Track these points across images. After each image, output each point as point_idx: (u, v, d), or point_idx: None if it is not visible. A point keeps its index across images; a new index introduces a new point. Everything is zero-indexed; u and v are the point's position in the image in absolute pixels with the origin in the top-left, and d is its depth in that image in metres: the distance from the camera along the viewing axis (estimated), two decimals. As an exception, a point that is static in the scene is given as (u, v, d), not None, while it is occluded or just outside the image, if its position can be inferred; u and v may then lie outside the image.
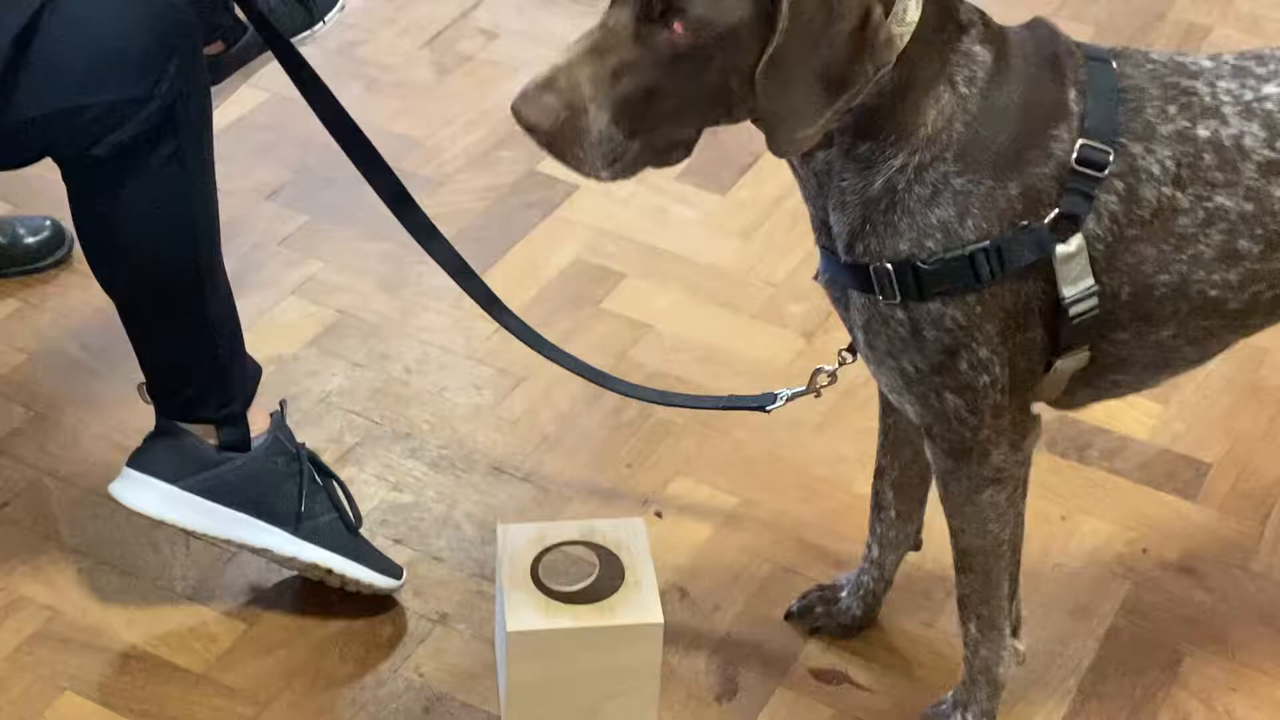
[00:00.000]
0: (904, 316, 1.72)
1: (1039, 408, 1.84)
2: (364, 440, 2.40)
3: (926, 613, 2.18)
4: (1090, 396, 1.86)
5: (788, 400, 2.06)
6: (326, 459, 2.31)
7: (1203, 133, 1.71)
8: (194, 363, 2.01)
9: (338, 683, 2.07)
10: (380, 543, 2.22)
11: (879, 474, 2.06)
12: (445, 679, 2.07)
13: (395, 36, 3.25)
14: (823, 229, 1.77)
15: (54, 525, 2.20)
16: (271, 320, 2.57)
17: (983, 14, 1.72)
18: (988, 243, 1.67)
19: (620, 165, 1.63)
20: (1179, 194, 1.71)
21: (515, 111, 1.60)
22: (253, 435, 2.08)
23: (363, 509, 2.23)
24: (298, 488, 2.06)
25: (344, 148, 2.11)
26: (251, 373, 2.09)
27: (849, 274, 1.74)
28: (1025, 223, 1.68)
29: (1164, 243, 1.72)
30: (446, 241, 2.16)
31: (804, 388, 2.02)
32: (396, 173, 2.15)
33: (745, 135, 2.98)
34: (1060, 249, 1.69)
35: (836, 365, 1.96)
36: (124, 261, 1.95)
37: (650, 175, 1.82)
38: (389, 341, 2.57)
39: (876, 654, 2.13)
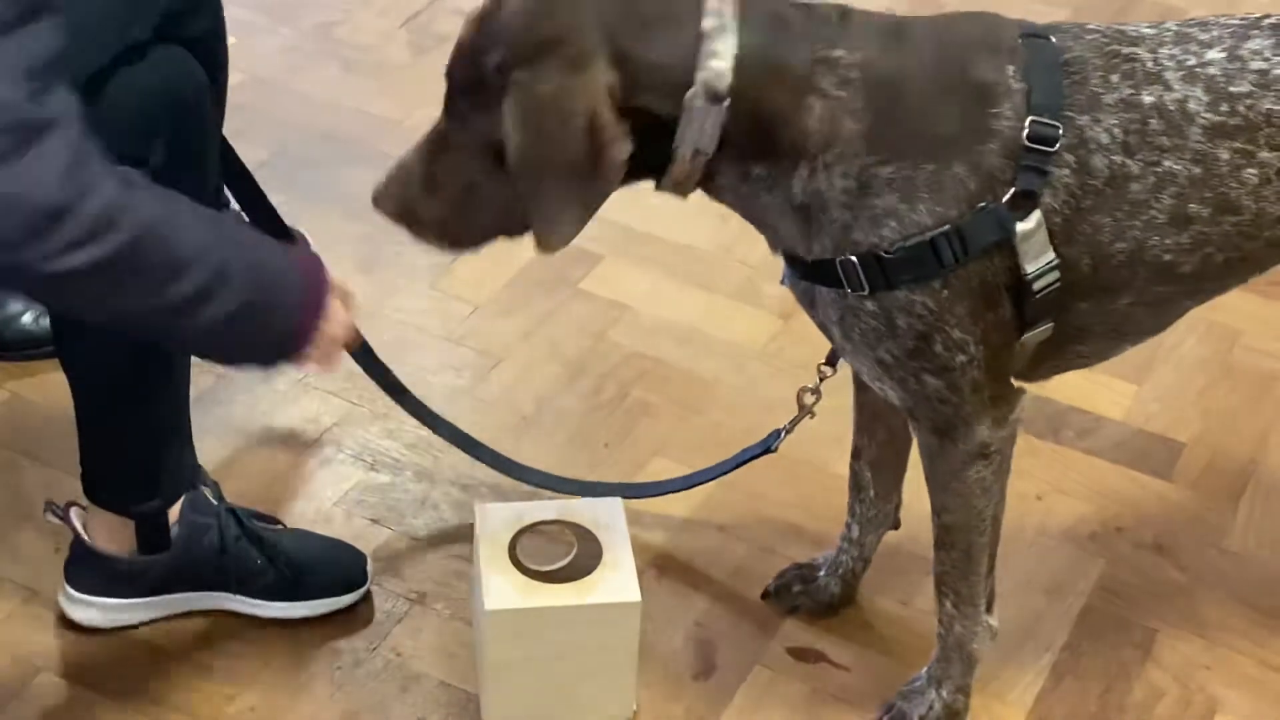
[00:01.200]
0: (874, 307, 1.73)
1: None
2: (341, 421, 2.40)
3: (903, 591, 2.19)
4: (1053, 369, 1.88)
5: (788, 433, 2.13)
6: (304, 440, 2.31)
7: (1147, 99, 1.72)
8: (131, 453, 1.98)
9: (316, 662, 2.07)
10: (357, 523, 2.22)
11: (856, 454, 2.06)
12: (423, 658, 2.08)
13: (373, 17, 3.24)
14: (775, 238, 1.78)
15: (29, 505, 2.20)
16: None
17: (845, 12, 1.71)
18: (948, 226, 1.68)
19: (458, 245, 1.79)
20: (1129, 160, 1.72)
21: (374, 204, 1.76)
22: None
23: (340, 489, 2.24)
24: (226, 559, 2.05)
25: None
26: (186, 475, 2.04)
27: (815, 271, 1.75)
28: (983, 204, 1.69)
29: (1118, 210, 1.73)
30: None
31: (797, 414, 2.08)
32: (372, 153, 2.16)
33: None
34: (1020, 226, 1.70)
35: (819, 380, 2.01)
36: (99, 334, 1.86)
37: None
38: (366, 323, 2.52)
39: (853, 632, 2.14)
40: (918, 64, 1.70)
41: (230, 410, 2.39)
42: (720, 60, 1.63)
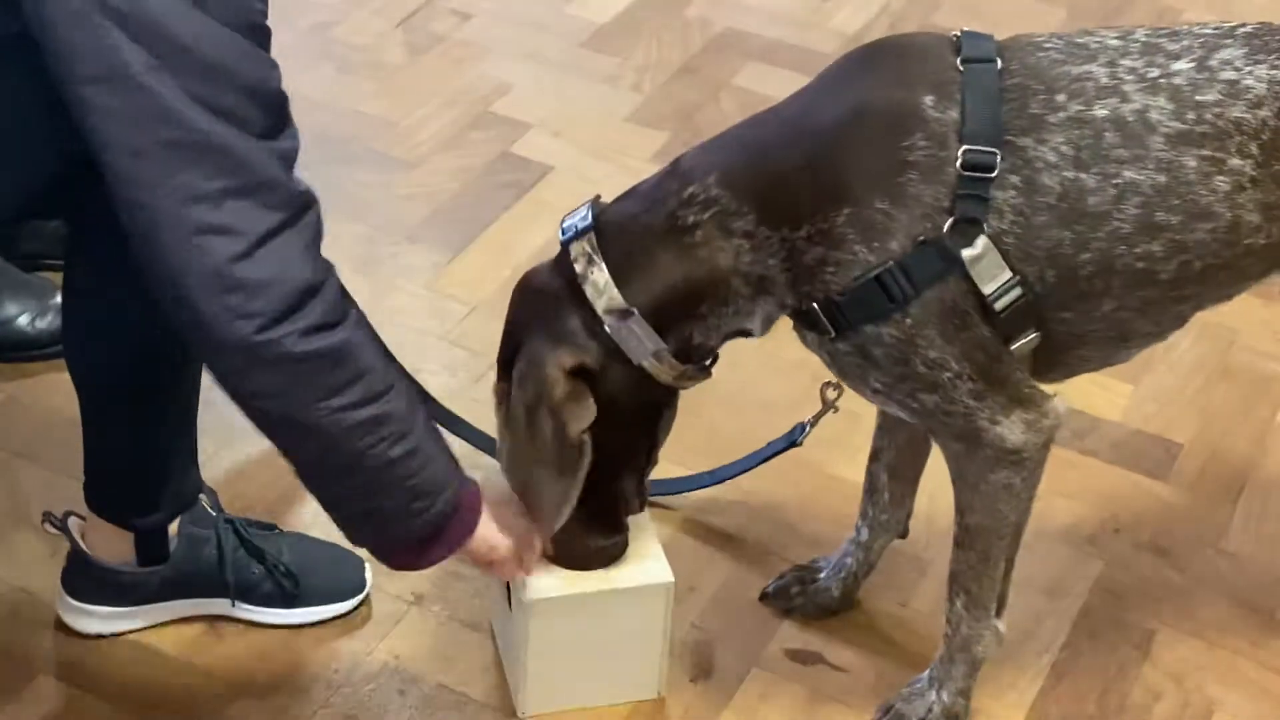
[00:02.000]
0: (847, 346, 1.77)
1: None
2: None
3: (901, 592, 2.19)
4: (1064, 373, 1.88)
5: (812, 426, 2.15)
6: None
7: (1100, 112, 1.73)
8: (136, 468, 1.98)
9: (313, 665, 2.07)
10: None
11: (874, 457, 2.07)
12: (421, 660, 2.07)
13: (368, 17, 3.24)
14: (762, 325, 1.84)
15: (26, 508, 2.19)
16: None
17: (682, 156, 1.81)
18: (891, 263, 1.70)
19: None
20: (1083, 175, 1.72)
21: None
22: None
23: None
24: (225, 570, 2.05)
25: None
26: (189, 492, 2.04)
27: (796, 318, 1.81)
28: (922, 237, 1.70)
29: (1077, 223, 1.73)
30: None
31: (821, 408, 2.08)
32: (368, 153, 2.15)
33: (718, 117, 3.00)
34: (967, 253, 1.71)
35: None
36: (108, 348, 1.89)
37: (624, 156, 1.83)
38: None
39: (851, 634, 2.14)
40: (788, 132, 1.77)
41: (228, 413, 2.36)
42: (600, 285, 1.76)
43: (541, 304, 1.82)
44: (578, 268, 1.78)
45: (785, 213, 1.73)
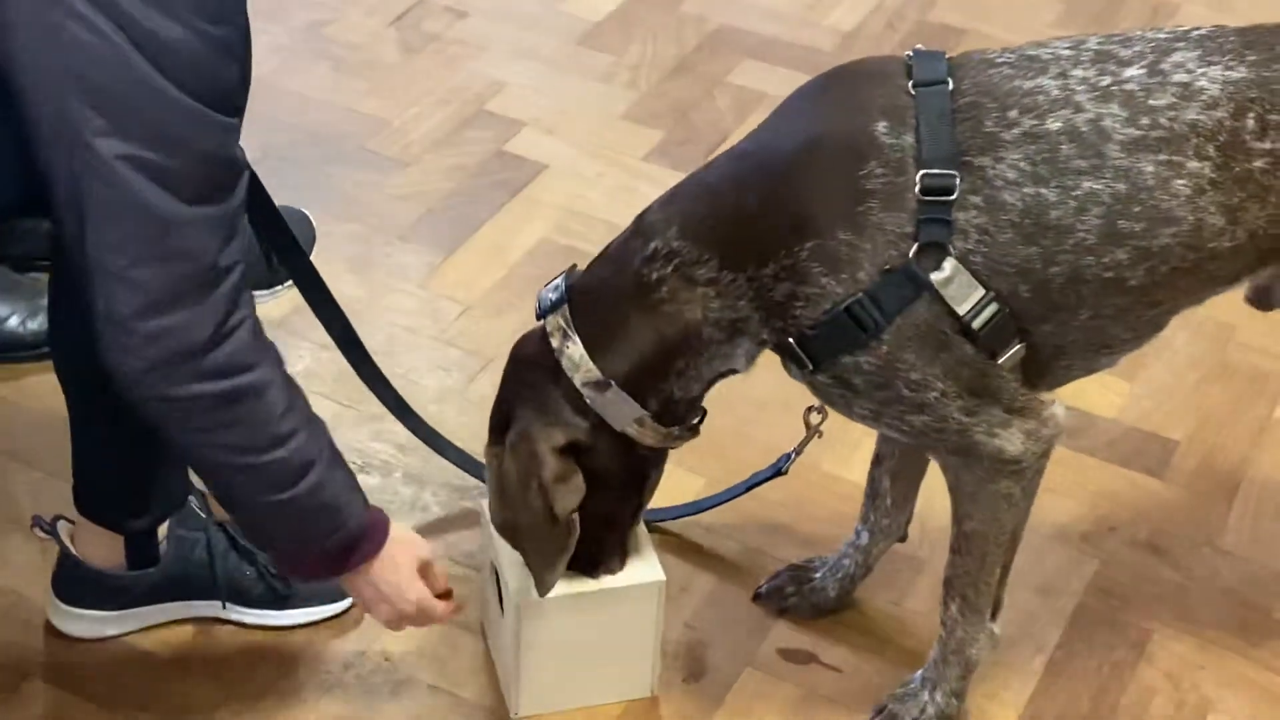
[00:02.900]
0: (828, 378, 1.77)
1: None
2: (331, 422, 2.34)
3: (895, 592, 2.18)
4: (1053, 382, 1.87)
5: (797, 454, 2.13)
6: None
7: (1054, 125, 1.72)
8: (124, 471, 1.98)
9: (305, 666, 2.06)
10: (347, 525, 2.21)
11: (877, 461, 2.06)
12: (412, 661, 2.07)
13: (362, 16, 3.23)
14: (744, 365, 1.84)
15: (16, 510, 2.19)
16: (237, 302, 2.55)
17: (646, 210, 1.81)
18: (860, 294, 1.70)
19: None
20: (1043, 190, 1.71)
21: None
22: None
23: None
24: (216, 572, 2.05)
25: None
26: (178, 494, 2.04)
27: (778, 352, 1.81)
28: (889, 265, 1.69)
29: (1043, 238, 1.72)
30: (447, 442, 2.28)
31: (806, 436, 2.06)
32: (361, 152, 2.14)
33: (714, 114, 2.99)
34: (935, 276, 1.71)
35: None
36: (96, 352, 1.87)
37: (619, 154, 1.82)
38: (356, 323, 2.53)
39: (845, 634, 2.13)
40: (744, 172, 1.77)
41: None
42: (575, 359, 1.77)
43: (530, 376, 1.83)
44: (554, 342, 1.79)
45: (749, 253, 1.73)
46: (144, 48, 1.50)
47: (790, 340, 1.75)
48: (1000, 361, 1.77)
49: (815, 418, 2.03)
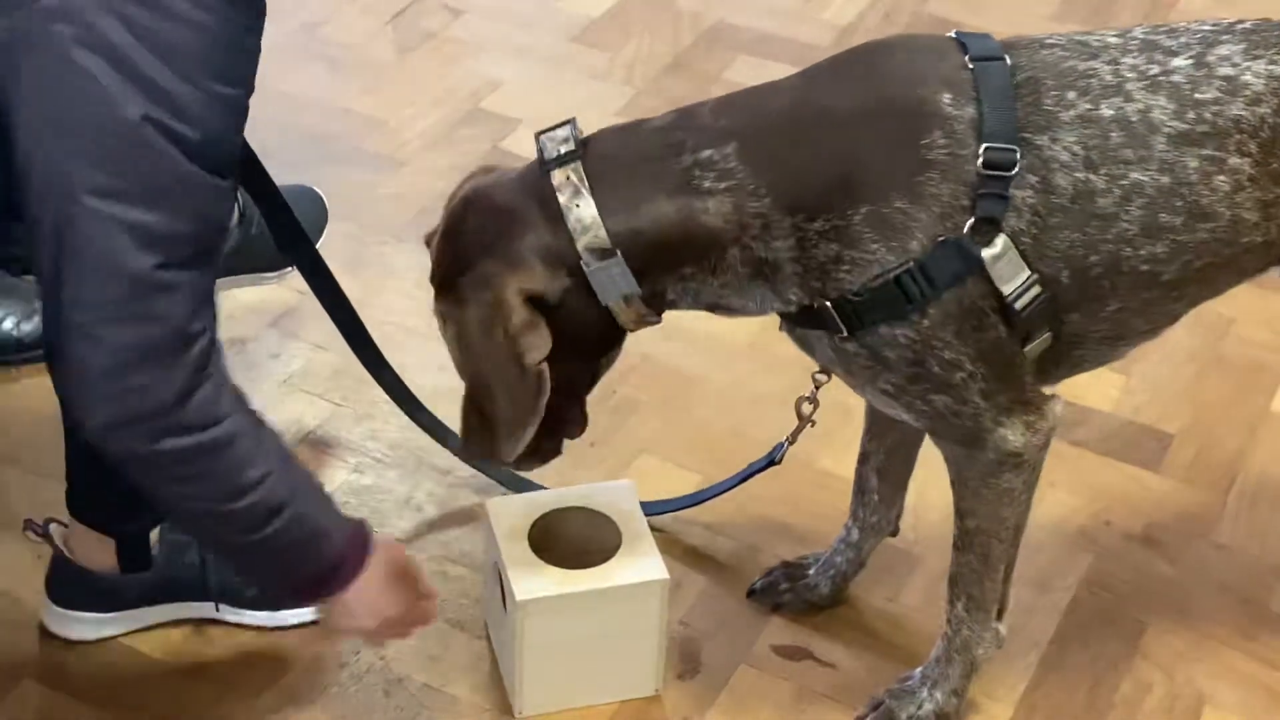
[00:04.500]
0: (859, 347, 1.74)
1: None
2: (325, 422, 2.39)
3: (890, 588, 2.18)
4: (1062, 374, 1.87)
5: (790, 444, 2.10)
6: (287, 441, 2.30)
7: (1107, 112, 1.71)
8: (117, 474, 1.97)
9: (299, 666, 2.06)
10: (342, 525, 2.21)
11: (863, 459, 2.05)
12: (406, 661, 2.07)
13: (357, 15, 3.23)
14: (754, 309, 1.80)
15: (9, 512, 2.19)
16: (233, 302, 2.55)
17: (691, 110, 1.76)
18: (911, 263, 1.68)
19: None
20: (1093, 176, 1.71)
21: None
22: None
23: (324, 491, 2.22)
24: (208, 574, 2.05)
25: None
26: None
27: (799, 318, 1.77)
28: (942, 235, 1.68)
29: (1088, 225, 1.72)
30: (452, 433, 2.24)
31: (798, 425, 2.04)
32: (357, 152, 2.15)
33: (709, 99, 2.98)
34: (987, 252, 1.70)
35: (814, 389, 1.99)
36: None
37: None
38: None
39: (839, 630, 2.13)
40: (808, 120, 1.73)
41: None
42: (586, 220, 1.71)
43: (503, 223, 1.74)
44: (561, 197, 1.71)
45: (800, 201, 1.69)
46: (148, 103, 1.48)
47: (827, 304, 1.72)
48: (1027, 350, 1.76)
49: (807, 408, 2.02)
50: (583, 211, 1.71)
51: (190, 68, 1.50)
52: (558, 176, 1.72)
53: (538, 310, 1.72)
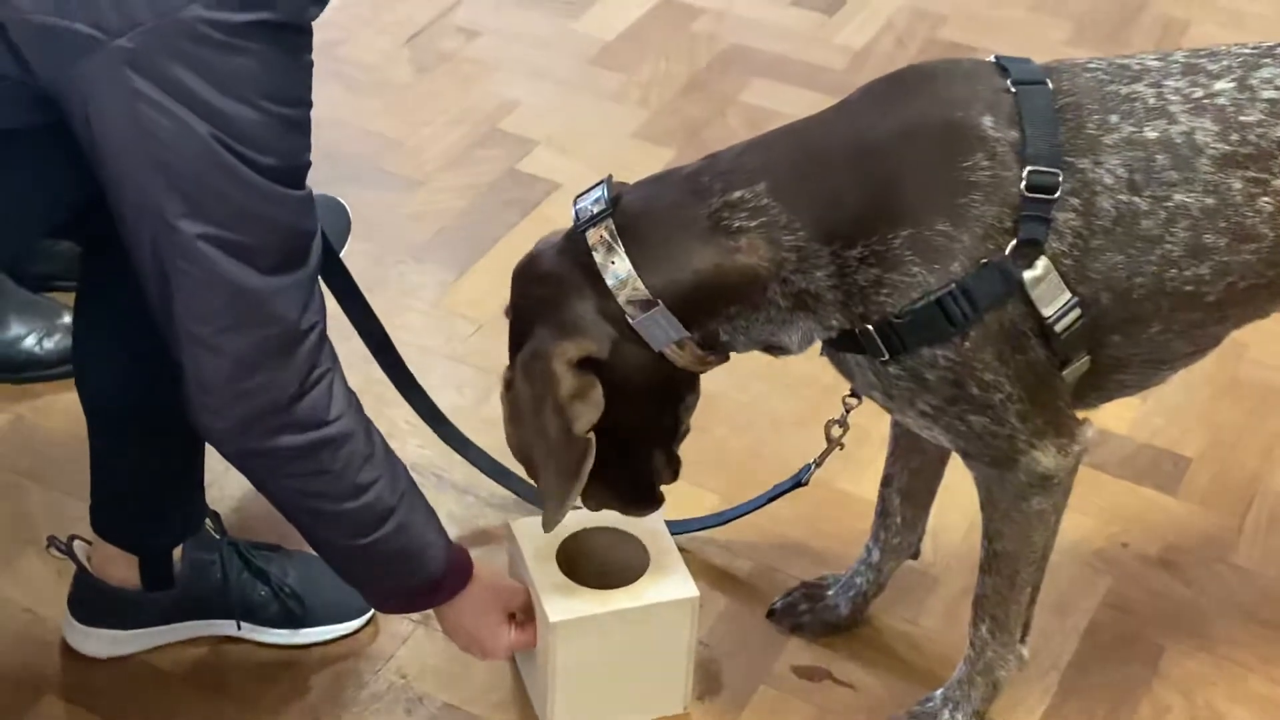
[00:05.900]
0: (900, 370, 1.75)
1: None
2: (345, 441, 2.39)
3: (910, 609, 2.18)
4: (1100, 398, 1.87)
5: (818, 466, 2.11)
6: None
7: (1151, 134, 1.72)
8: (143, 493, 2.00)
9: (320, 685, 2.07)
10: (362, 543, 2.22)
11: (886, 481, 2.06)
12: (427, 680, 2.07)
13: (375, 35, 3.25)
14: (799, 345, 1.81)
15: (32, 529, 2.20)
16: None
17: (718, 157, 1.79)
18: (953, 285, 1.69)
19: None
20: (1137, 198, 1.72)
21: None
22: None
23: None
24: (230, 593, 2.06)
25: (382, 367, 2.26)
26: (195, 517, 2.06)
27: (839, 342, 1.78)
28: (985, 258, 1.69)
29: (1131, 247, 1.72)
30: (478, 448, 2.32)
31: (826, 448, 2.04)
32: (375, 172, 2.16)
33: (725, 133, 3.00)
34: (1028, 274, 1.70)
35: (845, 412, 1.98)
36: (119, 375, 1.92)
37: (631, 173, 1.83)
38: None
39: (859, 651, 2.13)
40: (842, 148, 1.74)
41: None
42: (622, 275, 1.73)
43: (548, 290, 1.78)
44: (596, 256, 1.74)
45: (838, 230, 1.71)
46: (217, 131, 1.54)
47: (869, 327, 1.73)
48: (1065, 373, 1.77)
49: (836, 430, 2.01)
50: (618, 267, 1.74)
51: (247, 91, 1.55)
52: (592, 236, 1.75)
53: (592, 370, 1.75)
